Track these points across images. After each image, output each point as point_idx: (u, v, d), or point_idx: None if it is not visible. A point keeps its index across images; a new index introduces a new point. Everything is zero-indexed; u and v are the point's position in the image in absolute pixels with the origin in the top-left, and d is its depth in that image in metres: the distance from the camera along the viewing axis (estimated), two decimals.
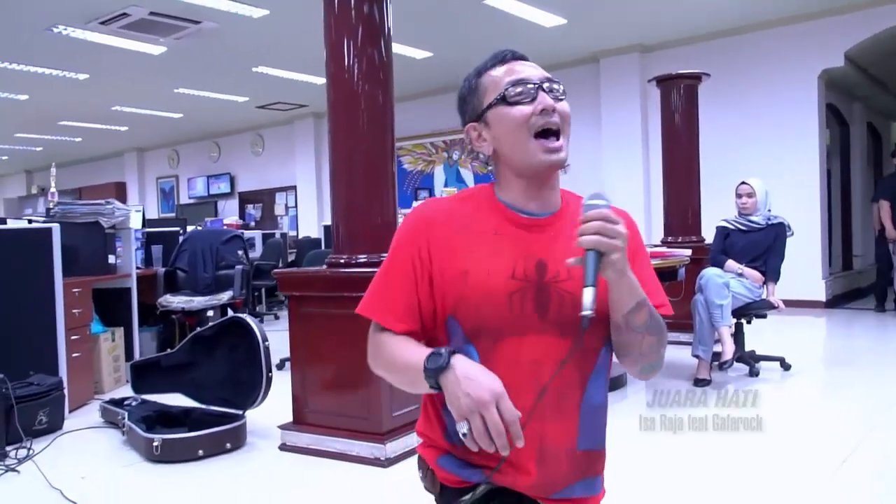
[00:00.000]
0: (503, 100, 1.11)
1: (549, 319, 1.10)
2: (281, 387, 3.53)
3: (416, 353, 1.09)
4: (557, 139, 1.13)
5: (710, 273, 4.41)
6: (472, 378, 0.99)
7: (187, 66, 8.84)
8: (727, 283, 4.35)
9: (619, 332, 1.11)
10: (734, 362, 4.38)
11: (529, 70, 1.14)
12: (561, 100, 1.14)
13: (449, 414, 1.11)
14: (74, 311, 4.18)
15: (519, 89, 1.11)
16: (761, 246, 4.58)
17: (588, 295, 0.99)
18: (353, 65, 3.27)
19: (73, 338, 4.14)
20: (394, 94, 3.39)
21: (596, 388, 1.17)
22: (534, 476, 1.10)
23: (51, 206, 4.72)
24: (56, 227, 4.00)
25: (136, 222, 5.52)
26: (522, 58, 1.17)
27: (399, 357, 1.12)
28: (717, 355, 4.39)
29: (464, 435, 0.98)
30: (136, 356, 4.88)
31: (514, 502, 1.12)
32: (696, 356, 4.36)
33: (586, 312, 0.98)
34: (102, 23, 6.90)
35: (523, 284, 1.10)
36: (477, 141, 1.17)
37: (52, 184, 4.87)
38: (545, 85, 1.12)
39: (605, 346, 1.17)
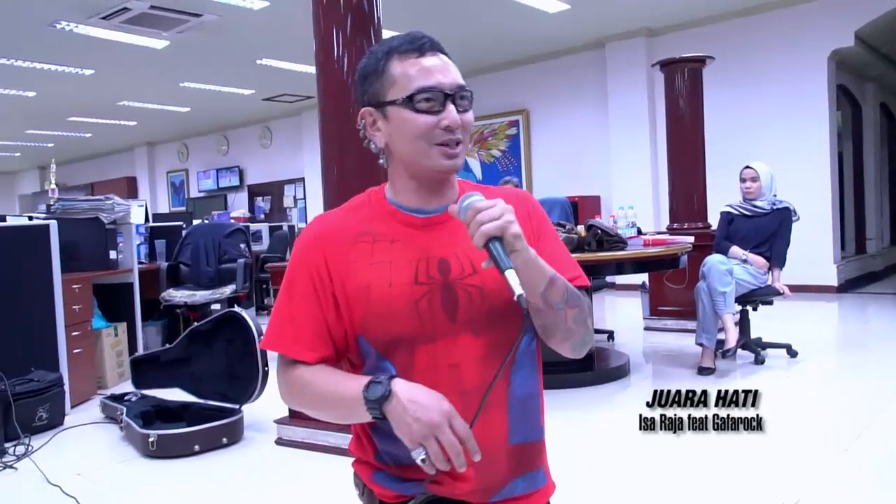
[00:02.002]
0: (409, 102, 1.04)
1: (460, 319, 1.06)
2: None
3: (346, 384, 1.02)
4: (457, 146, 1.07)
5: (712, 260, 4.34)
6: (418, 402, 0.95)
7: (191, 60, 8.84)
8: (730, 269, 4.29)
9: (541, 315, 1.06)
10: (738, 350, 4.32)
11: (443, 74, 1.06)
12: (467, 111, 1.08)
13: (380, 435, 1.08)
14: (75, 306, 4.20)
15: (427, 96, 1.04)
16: (766, 231, 4.51)
17: (512, 276, 0.95)
18: (343, 55, 3.23)
19: (73, 333, 4.16)
20: None
21: (520, 379, 1.11)
22: (473, 481, 1.06)
23: (51, 203, 4.73)
24: (53, 224, 4.01)
25: (138, 217, 5.53)
26: (441, 50, 1.09)
27: (327, 391, 1.05)
28: (721, 343, 4.34)
29: (422, 461, 0.94)
30: (140, 351, 4.90)
31: None
32: (700, 344, 4.30)
33: (519, 292, 0.93)
34: (104, 17, 6.89)
35: (428, 288, 1.05)
36: (371, 128, 1.10)
37: (52, 180, 4.88)
38: (456, 94, 1.06)
39: (524, 336, 1.09)
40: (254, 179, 13.84)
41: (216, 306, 5.58)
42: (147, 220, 6.35)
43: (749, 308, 4.61)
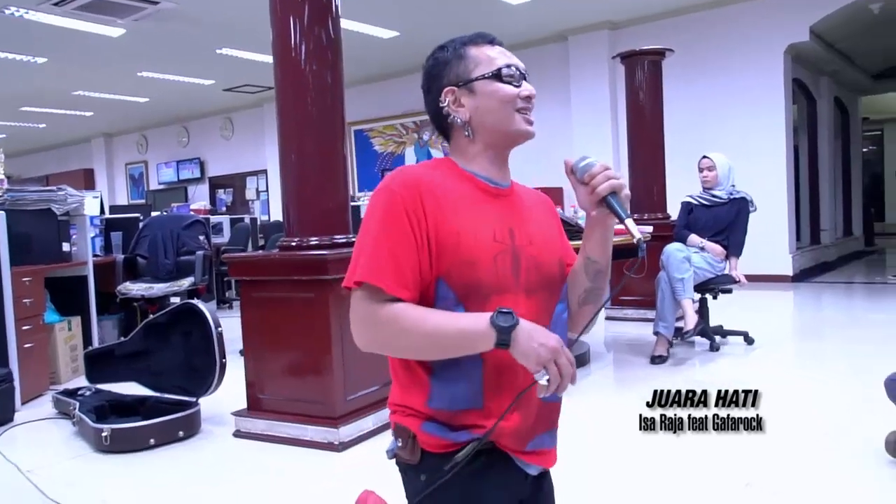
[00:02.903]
0: (497, 77, 1.21)
1: (520, 281, 1.17)
2: (237, 373, 3.48)
3: (460, 318, 1.09)
4: (530, 115, 1.26)
5: (670, 249, 4.41)
6: (538, 330, 1.06)
7: (149, 49, 8.65)
8: (688, 256, 4.36)
9: (599, 278, 1.22)
10: (695, 332, 4.38)
11: (512, 59, 1.25)
12: None
13: (438, 380, 1.15)
14: (25, 300, 4.09)
15: (512, 72, 1.22)
16: (724, 221, 4.59)
17: (631, 224, 1.11)
18: (300, 44, 3.19)
19: (24, 328, 4.05)
20: (343, 74, 3.32)
21: None
22: (514, 425, 1.15)
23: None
24: (1, 215, 3.89)
25: (92, 209, 5.39)
26: (501, 44, 1.27)
27: (436, 327, 1.09)
28: (679, 329, 4.41)
29: (547, 380, 1.03)
30: (95, 345, 4.78)
31: (495, 458, 1.17)
32: (657, 333, 4.37)
33: (638, 236, 1.09)
34: (56, 3, 6.71)
35: (503, 247, 1.17)
36: (454, 105, 1.23)
37: (1, 171, 4.73)
38: (525, 74, 1.26)
39: (560, 302, 1.24)
40: (215, 171, 13.63)
41: (175, 299, 5.49)
42: (102, 211, 6.19)
43: (708, 296, 4.70)
